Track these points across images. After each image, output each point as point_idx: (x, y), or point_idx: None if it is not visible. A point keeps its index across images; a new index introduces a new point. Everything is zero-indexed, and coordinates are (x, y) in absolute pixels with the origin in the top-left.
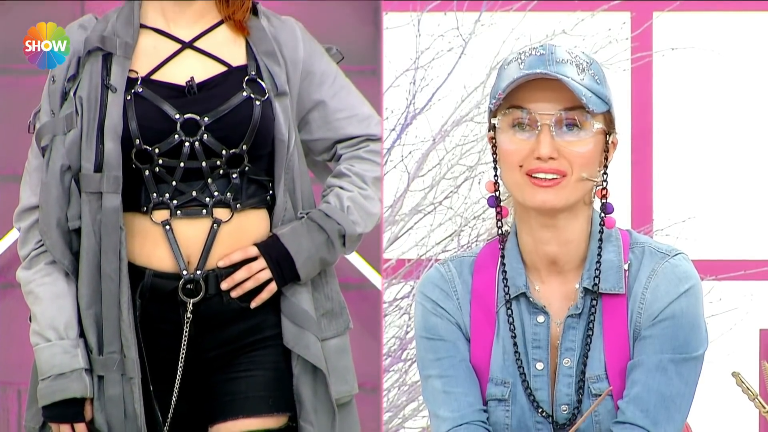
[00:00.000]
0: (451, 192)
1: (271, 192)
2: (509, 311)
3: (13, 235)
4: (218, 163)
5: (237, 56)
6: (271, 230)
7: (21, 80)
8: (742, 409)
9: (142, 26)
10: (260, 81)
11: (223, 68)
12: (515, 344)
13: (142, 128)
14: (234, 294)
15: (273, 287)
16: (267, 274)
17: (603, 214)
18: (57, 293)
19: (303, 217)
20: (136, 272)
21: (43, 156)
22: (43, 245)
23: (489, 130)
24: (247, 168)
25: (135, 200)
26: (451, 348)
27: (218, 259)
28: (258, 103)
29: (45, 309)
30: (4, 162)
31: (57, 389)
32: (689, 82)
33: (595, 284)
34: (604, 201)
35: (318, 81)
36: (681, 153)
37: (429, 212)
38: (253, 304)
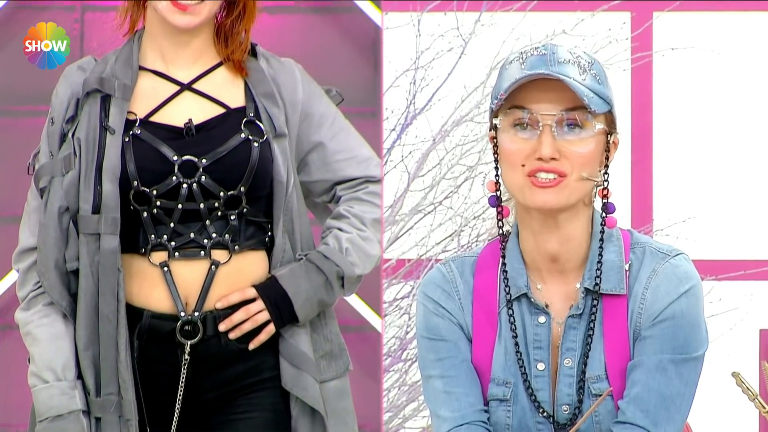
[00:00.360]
0: (451, 192)
1: (269, 233)
2: (510, 311)
3: (12, 276)
4: (216, 204)
5: (235, 98)
6: (269, 271)
7: (20, 122)
8: (742, 409)
9: (141, 68)
10: (258, 123)
11: (221, 110)
12: (516, 344)
13: (140, 170)
14: (232, 335)
15: (271, 329)
16: (265, 315)
17: (604, 214)
18: (55, 334)
19: (301, 258)
20: (134, 313)
21: (42, 197)
22: (41, 286)
23: (490, 130)
24: (245, 210)
25: (133, 241)
26: (452, 348)
27: (216, 300)
28: (256, 144)
29: (43, 350)
30: (4, 203)
31: (55, 431)
32: (689, 82)
33: (596, 284)
34: (605, 201)
35: (317, 123)
36: (681, 153)
37: (429, 212)
38: (251, 346)
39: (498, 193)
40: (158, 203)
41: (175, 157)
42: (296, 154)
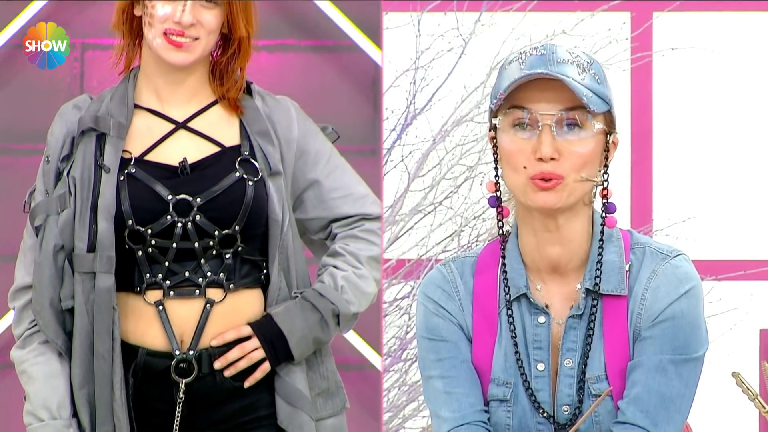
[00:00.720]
0: (451, 192)
1: (265, 271)
2: (509, 312)
3: (10, 315)
4: (211, 243)
5: (230, 136)
6: (265, 309)
7: (21, 160)
8: (742, 409)
9: (136, 106)
10: (253, 161)
11: (216, 149)
12: (516, 345)
13: (135, 209)
14: (227, 373)
15: (266, 367)
16: (260, 353)
17: (604, 214)
18: (50, 373)
19: (297, 296)
20: (130, 351)
21: (37, 236)
22: (36, 325)
23: (490, 130)
24: (240, 248)
25: (128, 280)
26: (452, 348)
27: (211, 338)
28: (251, 183)
29: (38, 388)
30: (4, 242)
31: None
32: (689, 82)
33: (596, 284)
34: (605, 201)
35: (312, 160)
36: (681, 153)
37: (429, 212)
38: (247, 384)
39: (498, 193)
40: (153, 242)
41: (170, 196)
42: (292, 191)
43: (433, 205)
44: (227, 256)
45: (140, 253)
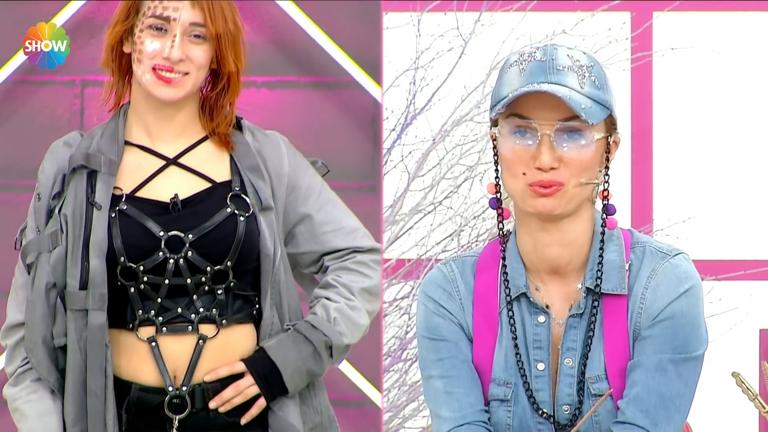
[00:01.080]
0: (451, 192)
1: (257, 306)
2: (510, 312)
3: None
4: (203, 279)
5: (221, 172)
6: (258, 344)
7: (20, 197)
8: (742, 409)
9: (127, 143)
10: (244, 196)
11: (207, 184)
12: (516, 345)
13: (127, 246)
14: (222, 409)
15: (262, 403)
16: (255, 389)
17: (605, 216)
18: (43, 411)
19: (289, 328)
20: (123, 387)
21: (29, 273)
22: (29, 362)
23: (491, 129)
24: (232, 284)
25: (120, 317)
26: (453, 348)
27: (204, 374)
28: (242, 218)
29: (31, 426)
30: (6, 278)
31: None
32: (689, 82)
33: (597, 284)
34: (605, 202)
35: (304, 195)
36: (681, 153)
37: (429, 212)
38: (243, 420)
39: (498, 195)
40: (145, 279)
41: (162, 233)
42: (283, 226)
43: (433, 205)
44: (219, 291)
45: (132, 289)
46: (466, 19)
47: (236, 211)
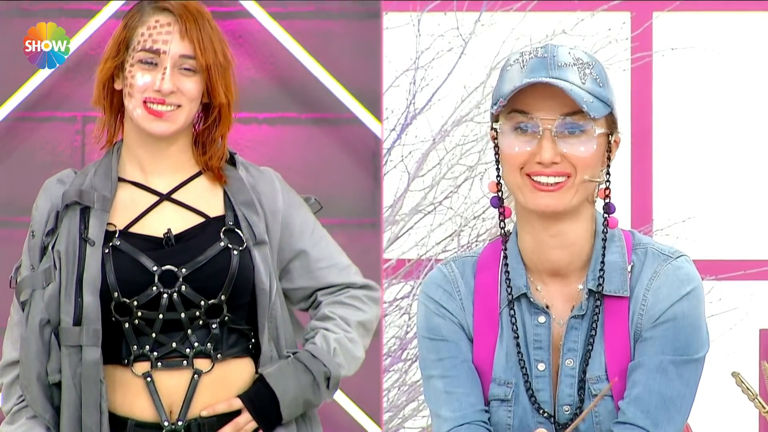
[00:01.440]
0: (451, 192)
1: (253, 340)
2: (512, 311)
3: None
4: (197, 313)
5: (215, 207)
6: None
7: (20, 233)
8: (742, 409)
9: (120, 179)
10: (238, 231)
11: (200, 219)
12: (517, 345)
13: (121, 281)
14: None
15: None
16: (253, 425)
17: (606, 215)
18: None
19: (289, 356)
20: (118, 422)
21: (23, 310)
22: (24, 400)
23: (491, 129)
24: (227, 318)
25: (115, 352)
26: (453, 348)
27: (200, 408)
28: (236, 252)
29: None
30: (5, 314)
31: None
32: (689, 82)
33: (600, 285)
34: (606, 201)
35: (298, 231)
36: (681, 153)
37: (429, 212)
38: None
39: (500, 193)
40: (139, 314)
41: (155, 268)
42: (278, 262)
43: (433, 205)
44: (214, 326)
45: (127, 325)
46: (466, 19)
47: (230, 245)
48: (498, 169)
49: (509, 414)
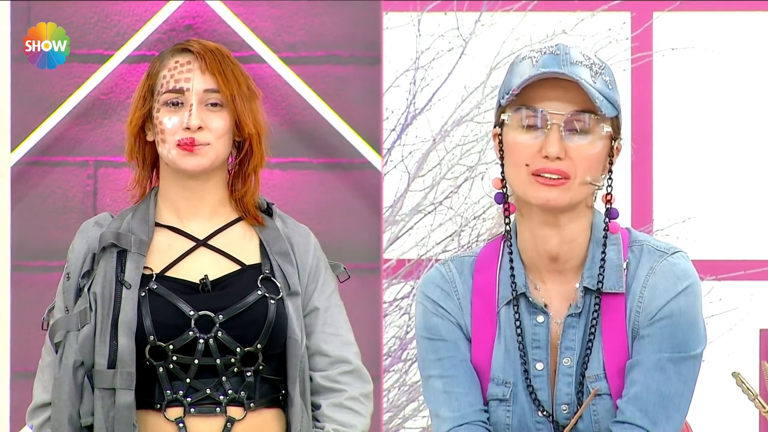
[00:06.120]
0: (451, 192)
1: (283, 392)
2: (515, 308)
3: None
4: (233, 360)
5: (250, 255)
6: (288, 431)
7: (33, 277)
8: (742, 409)
9: (157, 224)
10: (274, 280)
11: (236, 266)
12: (519, 344)
13: (157, 324)
14: None
15: None
16: None
17: (608, 219)
18: None
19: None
20: None
21: (56, 352)
22: None
23: (495, 126)
24: (261, 367)
25: (148, 397)
26: (451, 348)
27: None
28: (272, 301)
29: None
30: (17, 359)
31: None
32: (689, 82)
33: (599, 282)
34: (609, 206)
35: (319, 290)
36: (681, 153)
37: (429, 212)
38: None
39: (504, 190)
40: (174, 358)
41: (192, 312)
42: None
43: (433, 205)
44: (249, 374)
45: (161, 369)
46: (466, 19)
47: (267, 294)
48: (502, 165)
49: (508, 414)
